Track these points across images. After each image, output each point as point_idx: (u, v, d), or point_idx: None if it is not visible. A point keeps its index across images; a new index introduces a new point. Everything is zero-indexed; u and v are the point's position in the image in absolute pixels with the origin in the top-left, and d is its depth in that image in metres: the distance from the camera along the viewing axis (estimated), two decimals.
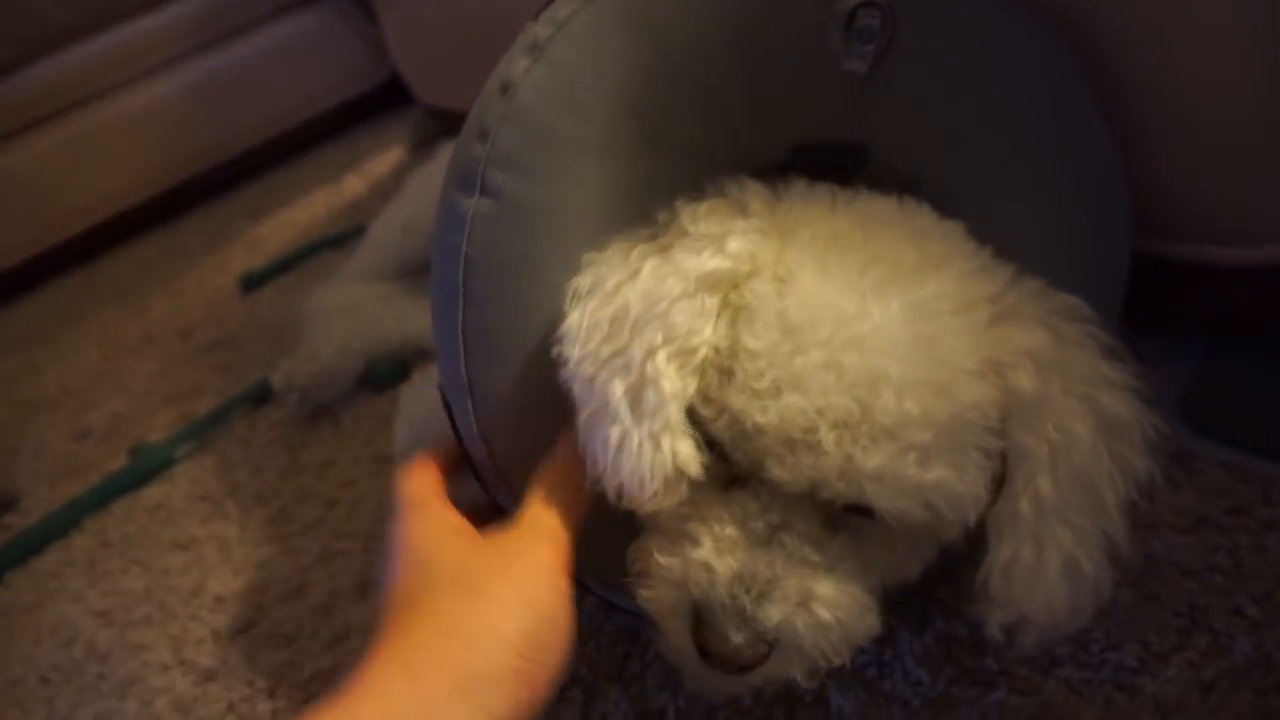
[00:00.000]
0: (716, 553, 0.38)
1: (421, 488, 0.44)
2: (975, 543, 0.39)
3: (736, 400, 0.37)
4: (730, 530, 0.38)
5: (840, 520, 0.39)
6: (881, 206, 0.43)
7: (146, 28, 1.78)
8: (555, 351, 0.41)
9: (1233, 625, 0.45)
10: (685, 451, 0.38)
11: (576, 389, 0.40)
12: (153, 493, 0.94)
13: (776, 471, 0.37)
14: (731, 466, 0.39)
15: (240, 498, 0.87)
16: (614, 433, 0.38)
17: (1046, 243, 0.45)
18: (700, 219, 0.41)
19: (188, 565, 0.81)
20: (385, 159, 1.74)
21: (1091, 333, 0.39)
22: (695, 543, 0.39)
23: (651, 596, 0.40)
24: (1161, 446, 0.38)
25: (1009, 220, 0.45)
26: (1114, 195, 0.47)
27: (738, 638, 0.37)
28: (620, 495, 0.39)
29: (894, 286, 0.37)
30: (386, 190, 1.60)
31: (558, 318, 0.42)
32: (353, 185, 1.66)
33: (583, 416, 0.40)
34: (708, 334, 0.38)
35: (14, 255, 1.69)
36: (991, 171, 0.46)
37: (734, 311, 0.39)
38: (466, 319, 0.44)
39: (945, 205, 0.45)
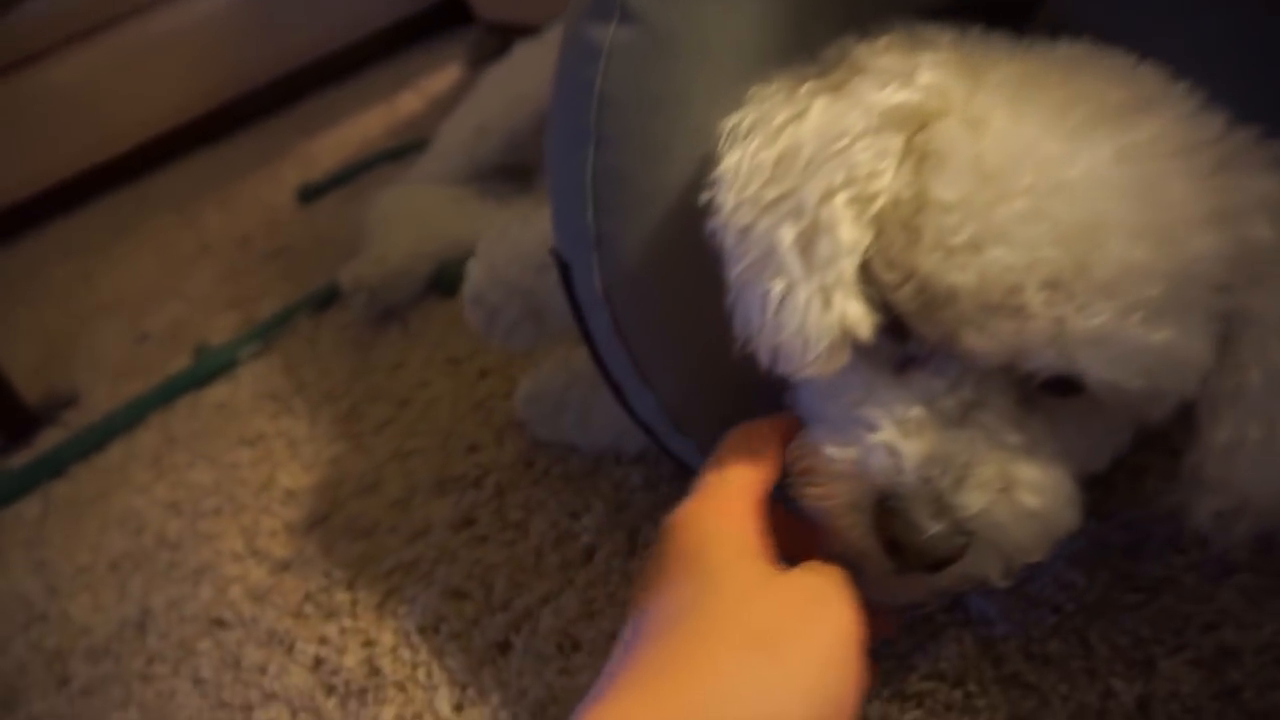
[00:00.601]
0: (902, 434, 0.33)
1: (738, 491, 0.35)
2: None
3: (927, 261, 0.32)
4: (916, 411, 0.33)
5: (1035, 399, 0.34)
6: (1074, 49, 0.37)
7: None
8: (704, 198, 0.37)
9: None
10: (856, 311, 0.33)
11: (729, 240, 0.36)
12: (217, 391, 0.92)
13: (973, 342, 0.32)
14: (905, 345, 0.35)
15: (308, 396, 0.85)
16: (777, 286, 0.33)
17: (1244, 100, 0.39)
18: (880, 53, 0.36)
19: (256, 460, 0.79)
20: (442, 76, 1.68)
21: None
22: (872, 428, 0.34)
23: (822, 493, 0.35)
24: None
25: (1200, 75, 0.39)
26: None
27: (934, 527, 0.32)
28: (776, 358, 0.35)
29: (1103, 128, 0.32)
30: (445, 107, 1.55)
31: (706, 162, 0.38)
32: (409, 103, 1.61)
33: (736, 270, 0.36)
34: (889, 179, 0.33)
35: (66, 168, 1.68)
36: (1180, 21, 0.40)
37: (918, 158, 0.34)
38: (598, 163, 0.39)
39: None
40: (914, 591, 0.37)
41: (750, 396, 0.40)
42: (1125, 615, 0.41)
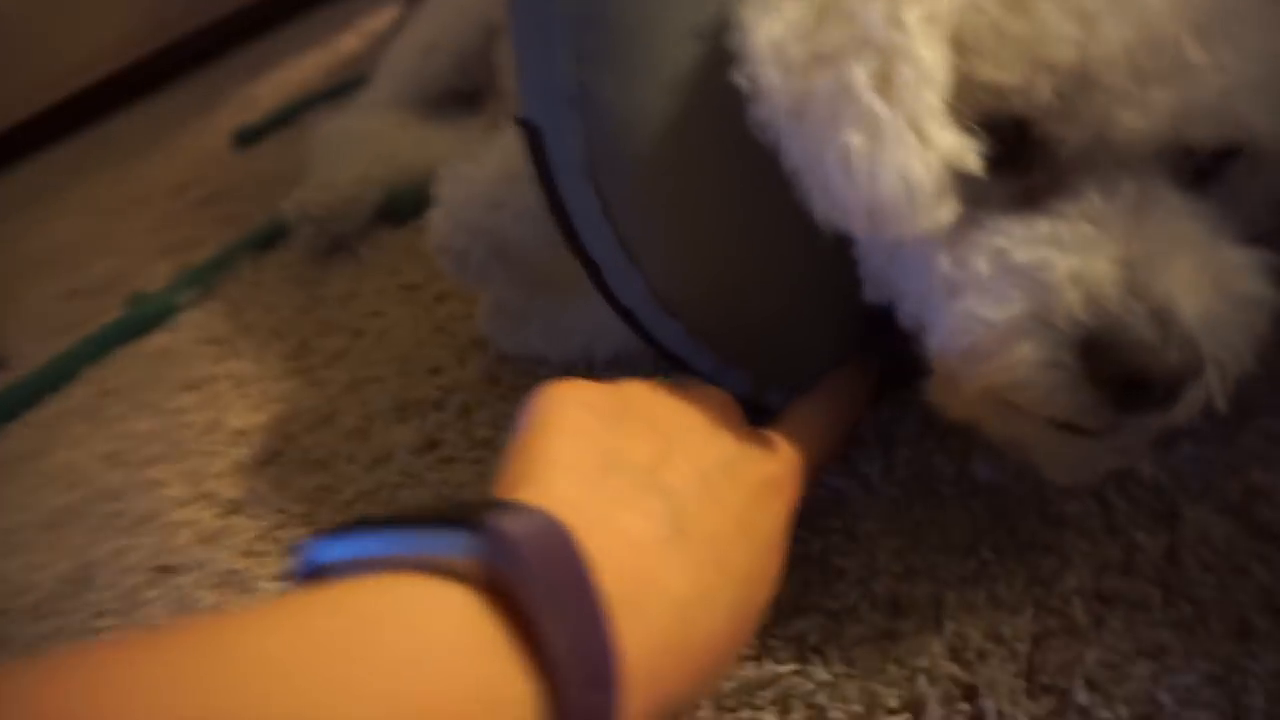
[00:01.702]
0: (1086, 257, 0.28)
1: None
2: None
3: (1059, 39, 0.27)
4: (1085, 227, 0.28)
5: (1194, 182, 0.30)
6: None
7: None
8: (738, 82, 0.32)
9: None
10: (958, 140, 0.28)
11: (783, 119, 0.31)
12: (155, 340, 0.86)
13: (1130, 122, 0.27)
14: (1027, 177, 0.30)
15: (254, 336, 0.79)
16: (859, 136, 0.28)
17: None
18: None
19: (201, 404, 0.74)
20: (382, 16, 1.61)
21: None
22: (1043, 265, 0.28)
23: (1000, 369, 0.29)
24: None
25: None
26: None
27: (1171, 345, 0.26)
28: (876, 223, 0.30)
29: None
30: (385, 43, 1.48)
31: (703, 7, 0.33)
32: (349, 43, 1.54)
33: (797, 149, 0.31)
34: None
35: None
36: None
37: None
38: (579, 11, 0.35)
39: None
40: (1129, 452, 0.33)
41: (750, 272, 0.36)
42: (1142, 469, 0.38)
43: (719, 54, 0.33)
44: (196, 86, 1.63)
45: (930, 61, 0.28)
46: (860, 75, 0.28)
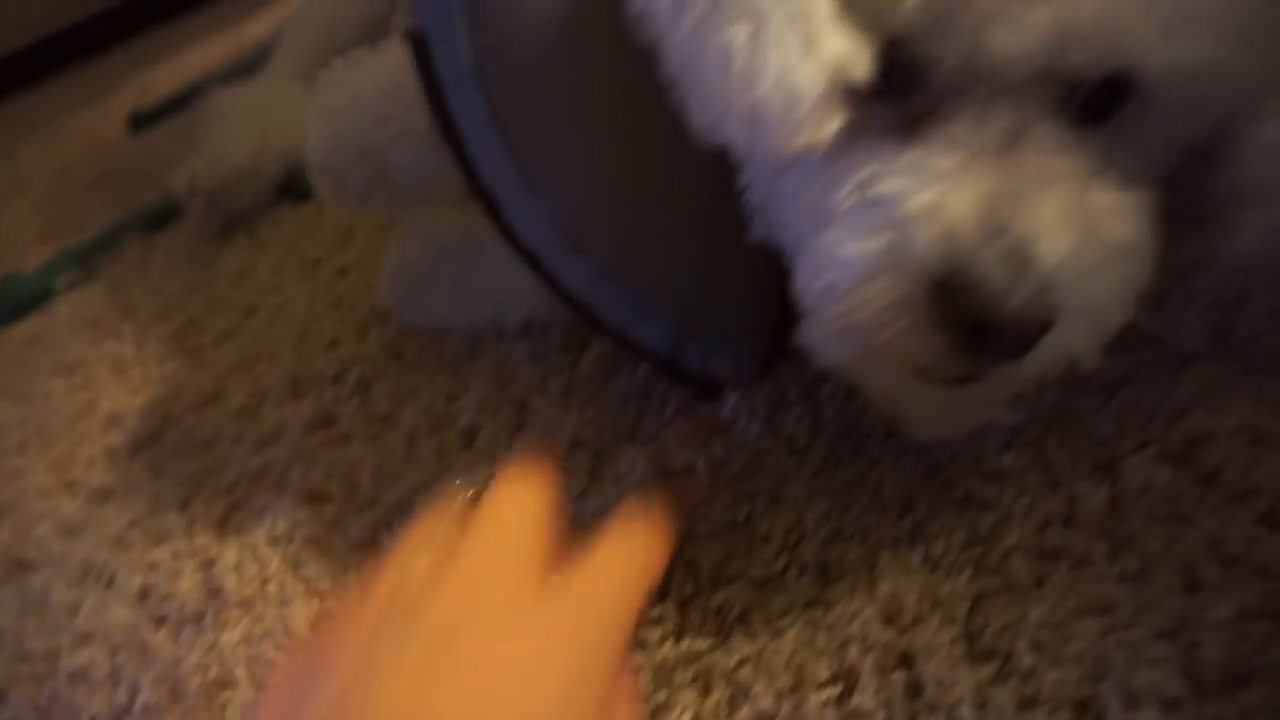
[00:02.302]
0: (944, 190, 0.25)
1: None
2: None
3: None
4: (950, 159, 0.26)
5: (1080, 120, 0.27)
6: None
7: None
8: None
9: None
10: (846, 45, 0.26)
11: (662, 15, 0.28)
12: (27, 325, 0.79)
13: (1005, 42, 0.25)
14: (910, 101, 0.27)
15: (137, 318, 0.73)
16: (741, 30, 0.26)
17: None
18: None
19: (73, 388, 0.67)
20: (290, 2, 1.54)
21: None
22: (902, 197, 0.26)
23: (852, 308, 0.27)
24: None
25: None
26: None
27: (1022, 290, 0.24)
28: (754, 130, 0.27)
29: None
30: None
31: None
32: (255, 29, 1.47)
33: (679, 46, 0.28)
34: None
35: None
36: None
37: None
38: None
39: None
40: (975, 410, 0.30)
41: (668, 200, 0.33)
42: (1081, 420, 0.36)
43: None
44: (92, 73, 1.54)
45: None
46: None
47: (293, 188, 0.80)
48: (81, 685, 0.44)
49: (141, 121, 1.17)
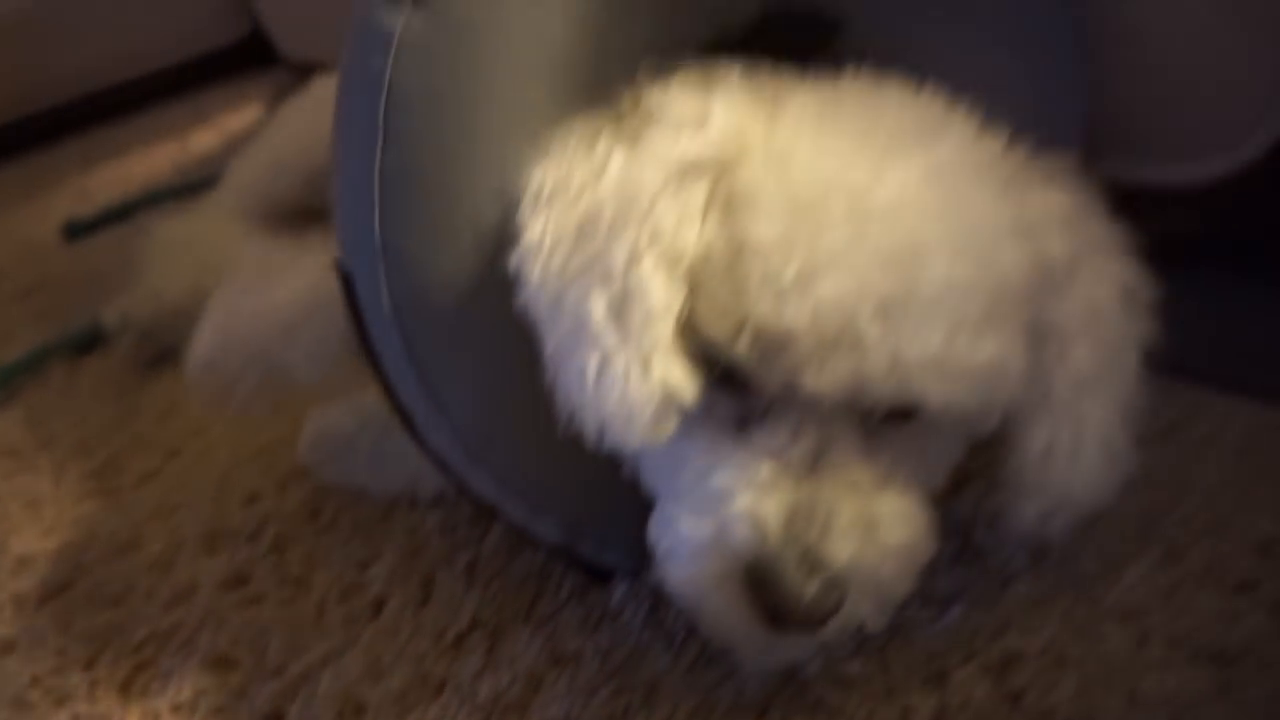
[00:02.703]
0: (758, 498, 0.32)
1: None
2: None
3: (758, 306, 0.31)
4: (766, 470, 0.32)
5: (877, 431, 0.34)
6: (859, 78, 0.38)
7: None
8: (511, 268, 0.35)
9: (1184, 533, 0.44)
10: (677, 374, 0.32)
11: (542, 313, 0.34)
12: None
13: (814, 383, 0.31)
14: (743, 400, 0.34)
15: (56, 451, 0.74)
16: (594, 359, 0.32)
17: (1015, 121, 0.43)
18: (672, 98, 0.35)
19: None
20: (241, 115, 1.59)
21: (1093, 194, 0.36)
22: (728, 496, 0.32)
23: (687, 575, 0.34)
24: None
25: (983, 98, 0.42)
26: (1076, 84, 0.46)
27: (811, 587, 0.31)
28: (602, 432, 0.33)
29: (904, 151, 0.33)
30: (241, 145, 1.46)
31: (507, 170, 0.36)
32: (203, 139, 1.51)
33: (551, 345, 0.34)
34: (696, 232, 0.33)
35: None
36: (965, 56, 0.43)
37: (725, 204, 0.33)
38: (386, 162, 0.37)
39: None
40: (797, 650, 0.36)
41: (549, 424, 0.38)
42: (921, 631, 0.42)
43: (507, 232, 0.36)
44: (24, 173, 1.54)
45: (659, 303, 0.32)
46: (599, 306, 0.32)
47: None
48: None
49: (77, 231, 1.18)
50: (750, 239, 0.31)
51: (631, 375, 0.31)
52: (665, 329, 0.32)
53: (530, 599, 0.49)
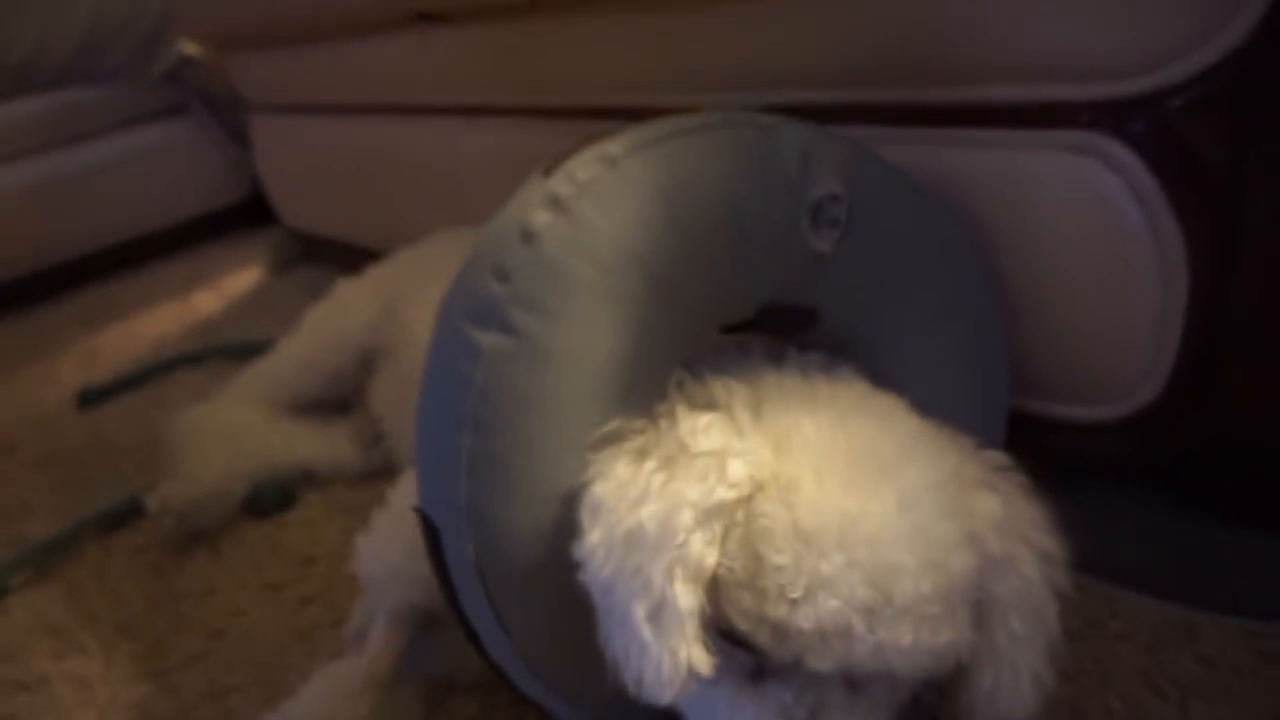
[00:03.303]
0: None
1: None
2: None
3: (775, 612, 0.42)
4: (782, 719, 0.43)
5: (860, 684, 0.44)
6: (846, 396, 0.50)
7: None
8: (574, 556, 0.45)
9: (1107, 718, 0.54)
10: (699, 657, 0.43)
11: (597, 596, 0.45)
12: None
13: (815, 663, 0.42)
14: (758, 659, 0.44)
15: (99, 629, 0.80)
16: (635, 648, 0.43)
17: (955, 395, 0.55)
18: (699, 434, 0.46)
19: (36, 710, 0.72)
20: (241, 277, 1.70)
21: (1018, 481, 0.48)
22: None
23: None
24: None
25: (927, 377, 0.55)
26: (1000, 359, 0.59)
27: None
28: (639, 692, 0.43)
29: (882, 479, 0.44)
30: (245, 308, 1.57)
31: (576, 465, 0.47)
32: (206, 301, 1.61)
33: (606, 621, 0.45)
34: (716, 555, 0.44)
35: None
36: (914, 336, 0.56)
37: (745, 528, 0.43)
38: (473, 443, 0.47)
39: (873, 362, 0.54)
40: None
41: (593, 650, 0.47)
42: None
43: (568, 509, 0.46)
44: (28, 331, 1.61)
45: (686, 608, 0.42)
46: (640, 611, 0.42)
47: (256, 504, 0.91)
48: None
49: (91, 398, 1.26)
50: (768, 561, 0.42)
51: (664, 663, 0.42)
52: (690, 626, 0.42)
53: None
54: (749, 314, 0.54)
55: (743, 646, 0.44)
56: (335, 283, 1.04)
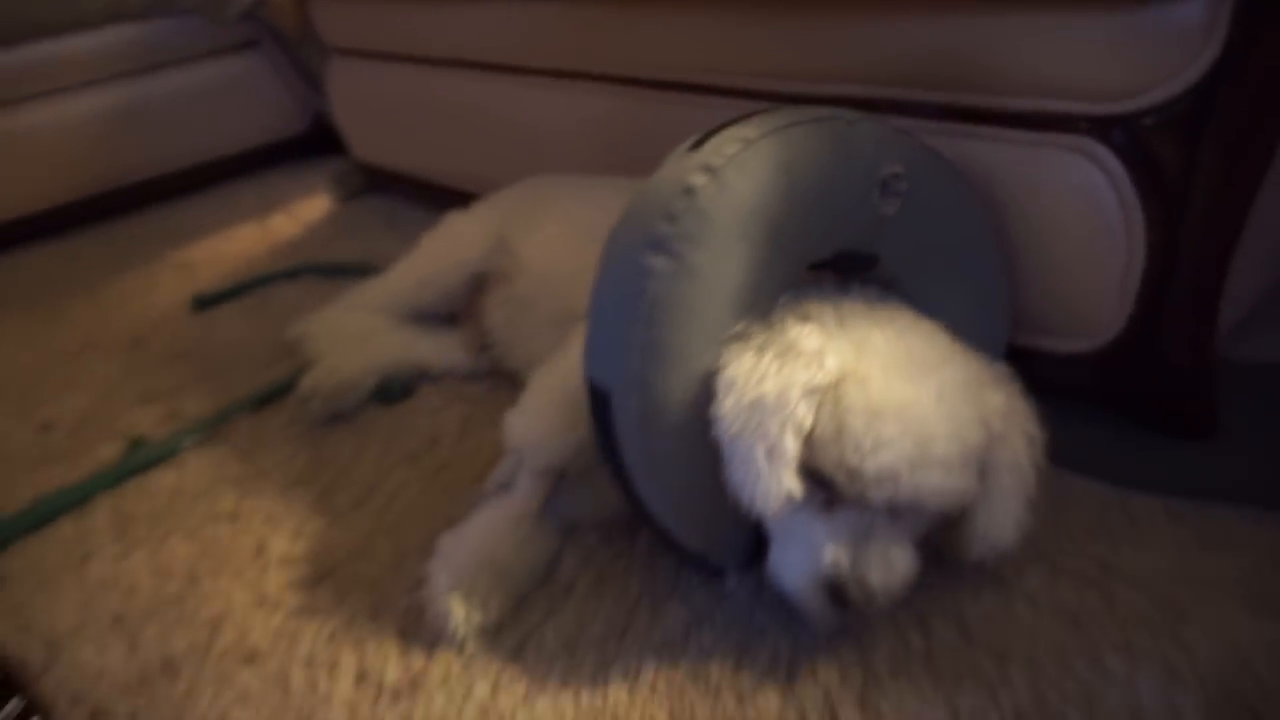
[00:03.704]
0: (840, 550, 0.64)
1: None
2: None
3: (851, 460, 0.63)
4: (845, 536, 0.65)
5: (899, 515, 0.65)
6: (900, 317, 0.71)
7: (75, 46, 1.82)
8: (712, 414, 0.66)
9: (1062, 554, 0.77)
10: (793, 485, 0.64)
11: (726, 444, 0.66)
12: (163, 478, 1.03)
13: (872, 495, 0.63)
14: (829, 493, 0.65)
15: (272, 480, 1.00)
16: (753, 475, 0.64)
17: (969, 327, 0.76)
18: (803, 337, 0.67)
19: (238, 532, 0.92)
20: (311, 204, 1.87)
21: (1018, 387, 0.70)
22: (825, 548, 0.65)
23: (792, 582, 0.67)
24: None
25: (949, 312, 0.76)
26: (1004, 302, 0.81)
27: (860, 596, 0.63)
28: (751, 506, 0.65)
29: (926, 376, 0.65)
30: (324, 233, 1.75)
31: (715, 354, 0.67)
32: (283, 225, 1.78)
33: (732, 460, 0.66)
34: (811, 420, 0.65)
35: None
36: (941, 280, 0.77)
37: (834, 403, 0.64)
38: (646, 335, 0.67)
39: (910, 298, 0.76)
40: (842, 622, 0.68)
41: (720, 492, 0.68)
42: (912, 600, 0.73)
43: (707, 383, 0.67)
44: (117, 240, 1.78)
45: (790, 452, 0.64)
46: (760, 451, 0.64)
47: (382, 394, 1.11)
48: None
49: (204, 303, 1.44)
50: (848, 424, 0.63)
51: (773, 484, 0.63)
52: (791, 464, 0.63)
53: (676, 582, 0.78)
54: (828, 256, 0.75)
55: (821, 485, 0.65)
56: (445, 215, 1.23)
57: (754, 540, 0.75)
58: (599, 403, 0.71)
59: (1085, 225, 0.82)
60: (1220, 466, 0.83)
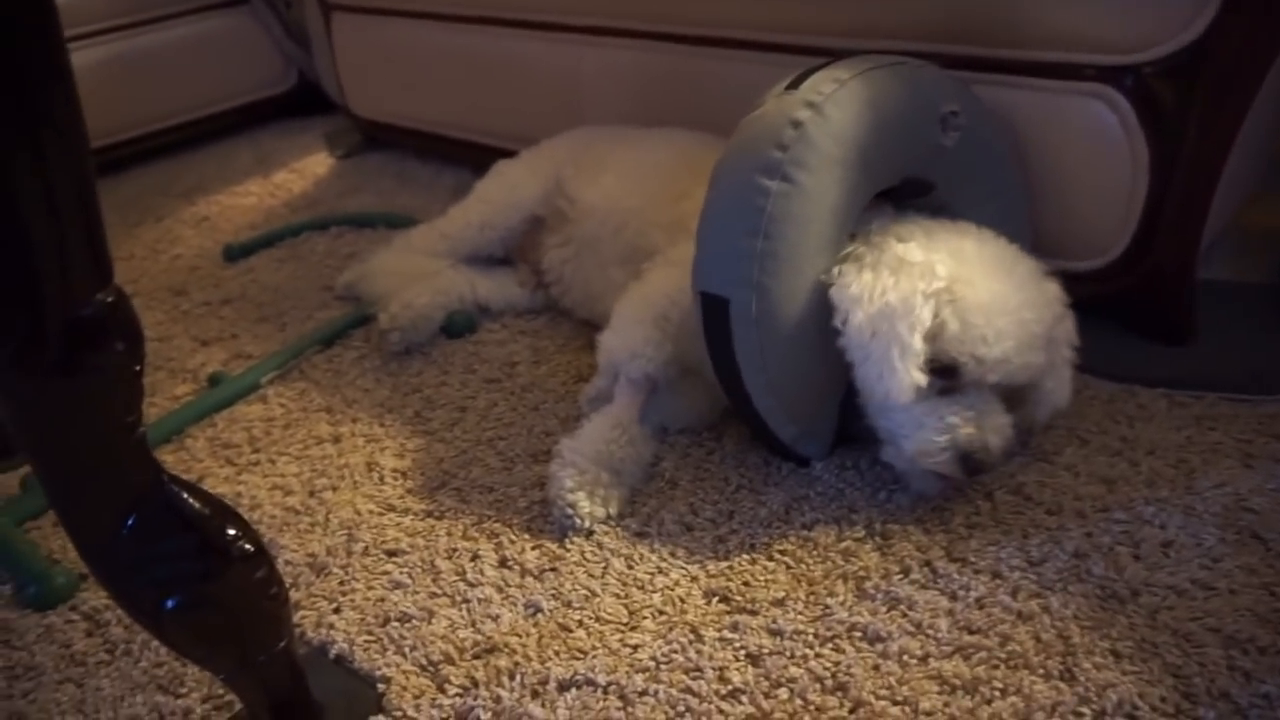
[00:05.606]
0: (964, 425, 0.77)
1: None
2: None
3: (978, 349, 0.76)
4: (970, 412, 0.78)
5: (1006, 396, 0.79)
6: (969, 230, 0.84)
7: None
8: (834, 325, 0.79)
9: (1084, 426, 0.92)
10: (920, 377, 0.76)
11: (855, 348, 0.79)
12: (250, 411, 1.09)
13: (991, 378, 0.77)
14: (947, 382, 0.78)
15: (363, 407, 1.07)
16: (887, 372, 0.77)
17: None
18: (910, 251, 0.80)
19: (344, 451, 0.99)
20: (314, 161, 1.90)
21: (1060, 284, 0.84)
22: (955, 424, 0.77)
23: (929, 451, 0.78)
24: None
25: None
26: (1026, 225, 0.96)
27: (989, 458, 0.77)
28: (886, 398, 0.77)
29: (1010, 274, 0.79)
30: (338, 188, 1.80)
31: (819, 263, 0.79)
32: (290, 180, 1.80)
33: (863, 363, 0.78)
34: (930, 319, 0.77)
35: None
36: (977, 204, 0.91)
37: (950, 304, 0.77)
38: (764, 246, 0.78)
39: (953, 219, 0.89)
40: (962, 485, 0.81)
41: (826, 389, 0.80)
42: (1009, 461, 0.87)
43: (819, 289, 0.79)
44: (122, 197, 1.77)
45: (916, 348, 0.76)
46: (895, 352, 0.76)
47: (450, 329, 1.19)
48: (471, 606, 0.80)
49: (235, 254, 1.48)
50: (964, 319, 0.76)
51: (905, 379, 0.75)
52: (919, 357, 0.76)
53: (767, 471, 0.90)
54: (895, 182, 0.87)
55: (938, 374, 0.78)
56: (460, 169, 1.30)
57: (836, 431, 0.87)
58: (715, 310, 0.81)
59: (1098, 157, 0.96)
60: (1203, 365, 1.00)
